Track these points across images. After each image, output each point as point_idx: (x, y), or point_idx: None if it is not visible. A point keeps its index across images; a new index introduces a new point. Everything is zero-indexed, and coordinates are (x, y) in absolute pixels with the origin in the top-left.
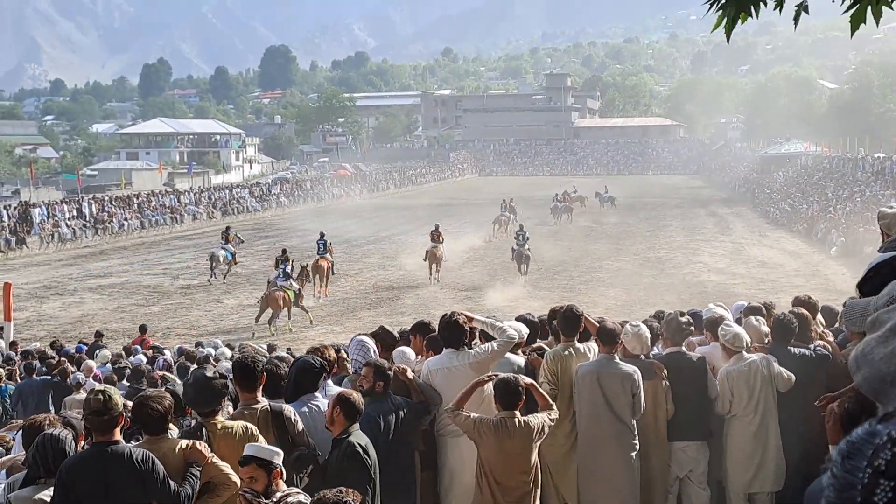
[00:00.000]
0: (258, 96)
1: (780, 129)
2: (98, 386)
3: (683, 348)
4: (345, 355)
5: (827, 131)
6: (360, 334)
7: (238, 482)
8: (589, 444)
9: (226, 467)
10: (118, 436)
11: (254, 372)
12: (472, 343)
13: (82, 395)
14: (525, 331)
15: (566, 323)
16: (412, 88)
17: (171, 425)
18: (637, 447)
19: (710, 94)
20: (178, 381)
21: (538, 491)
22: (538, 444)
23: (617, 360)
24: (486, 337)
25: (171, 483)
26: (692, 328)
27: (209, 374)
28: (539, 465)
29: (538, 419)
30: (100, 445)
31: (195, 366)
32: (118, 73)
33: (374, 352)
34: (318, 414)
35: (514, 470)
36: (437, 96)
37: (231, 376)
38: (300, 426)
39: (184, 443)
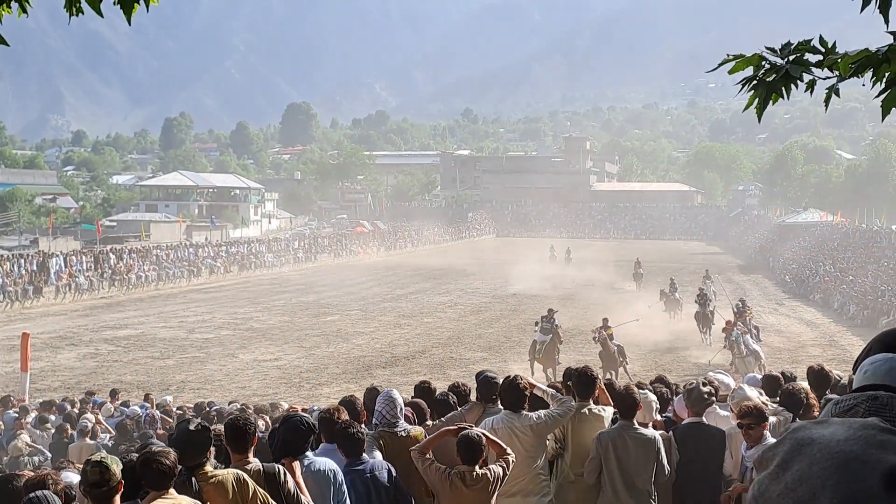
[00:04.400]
0: (278, 152)
1: (797, 197)
2: (94, 457)
3: (704, 419)
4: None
5: (844, 201)
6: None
7: None
8: None
9: None
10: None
11: (246, 433)
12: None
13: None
14: (573, 405)
15: (581, 384)
16: (431, 148)
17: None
18: None
19: (728, 161)
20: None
21: None
22: (496, 495)
23: (636, 425)
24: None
25: None
26: (714, 398)
27: (192, 427)
28: None
29: (495, 471)
30: None
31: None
32: (140, 125)
33: (402, 408)
34: (309, 474)
35: None
36: (456, 156)
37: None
38: (291, 485)
39: (193, 503)
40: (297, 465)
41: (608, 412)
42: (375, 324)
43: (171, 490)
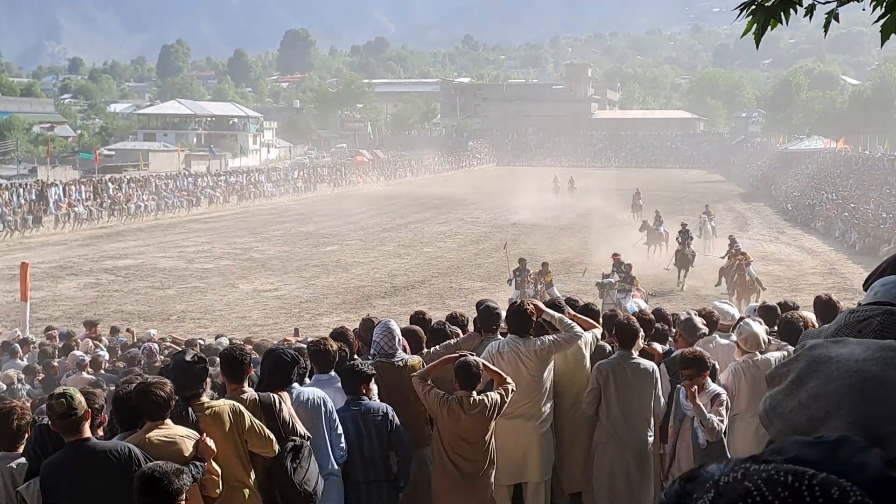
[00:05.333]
0: (277, 80)
1: (800, 124)
2: (57, 390)
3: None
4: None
5: (848, 128)
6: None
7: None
8: (606, 438)
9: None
10: (88, 433)
11: (241, 363)
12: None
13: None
14: (585, 334)
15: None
16: (431, 76)
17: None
18: (651, 441)
19: (731, 87)
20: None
21: (493, 469)
22: (493, 421)
23: (635, 356)
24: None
25: None
26: (706, 329)
27: (188, 357)
28: (494, 444)
29: (492, 397)
30: (73, 445)
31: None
32: (137, 52)
33: (399, 338)
34: (298, 404)
35: (469, 446)
36: (456, 84)
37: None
38: (286, 413)
39: (189, 434)
40: (285, 396)
41: (587, 336)
42: (375, 254)
43: (168, 420)
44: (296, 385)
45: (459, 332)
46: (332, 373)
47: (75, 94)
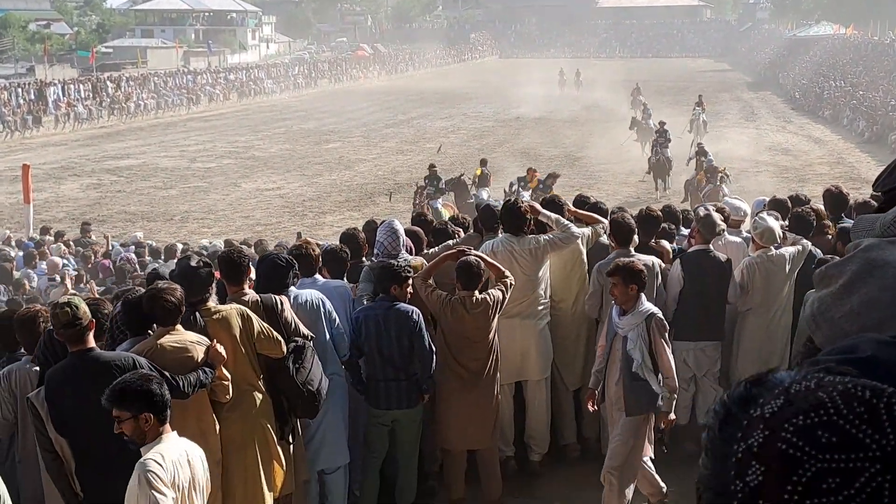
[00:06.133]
0: None
1: (809, 9)
2: (62, 298)
3: (711, 247)
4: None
5: (858, 13)
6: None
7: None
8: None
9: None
10: (92, 342)
11: (239, 265)
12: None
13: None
14: (578, 231)
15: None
16: None
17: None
18: None
19: None
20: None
21: (498, 367)
22: (495, 318)
23: (633, 253)
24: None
25: (163, 373)
26: (725, 226)
27: (193, 263)
28: (497, 341)
29: (494, 294)
30: (77, 355)
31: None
32: None
33: (404, 239)
34: (296, 307)
35: (474, 346)
36: None
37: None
38: (288, 314)
39: (200, 340)
40: (284, 299)
41: (585, 232)
42: (377, 150)
43: (179, 326)
44: (293, 289)
45: (461, 232)
46: (318, 275)
47: None
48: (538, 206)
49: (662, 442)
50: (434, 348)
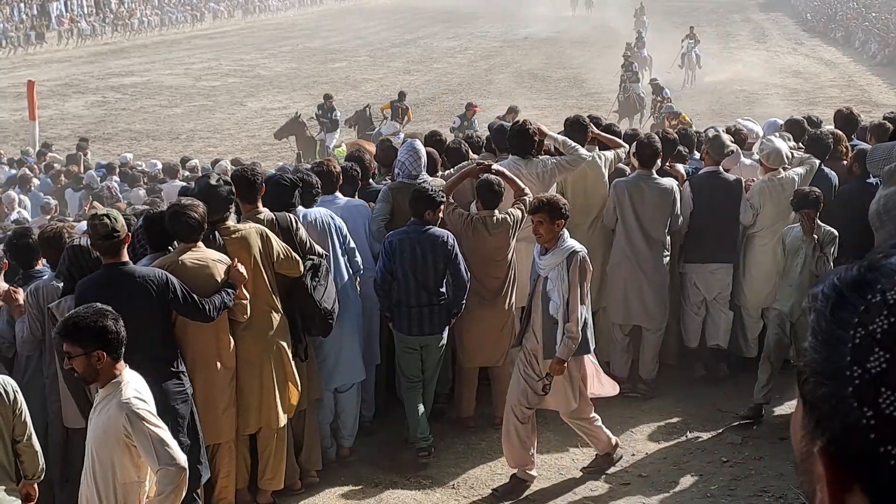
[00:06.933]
0: None
1: None
2: (101, 210)
3: (721, 168)
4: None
5: None
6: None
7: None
8: (621, 257)
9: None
10: (126, 256)
11: (253, 183)
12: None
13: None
14: (586, 154)
15: (574, 131)
16: None
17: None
18: (667, 262)
19: None
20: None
21: (515, 287)
22: (514, 237)
23: (654, 175)
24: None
25: (191, 296)
26: (734, 147)
27: (213, 181)
28: (515, 260)
29: (514, 214)
30: (110, 267)
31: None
32: None
33: (425, 161)
34: (305, 225)
35: (495, 264)
36: None
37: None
38: (303, 232)
39: (221, 258)
40: (296, 217)
41: (609, 157)
42: (384, 70)
43: (200, 243)
44: (300, 208)
45: (473, 154)
46: (338, 193)
47: None
48: (545, 129)
49: (544, 388)
50: (469, 274)
